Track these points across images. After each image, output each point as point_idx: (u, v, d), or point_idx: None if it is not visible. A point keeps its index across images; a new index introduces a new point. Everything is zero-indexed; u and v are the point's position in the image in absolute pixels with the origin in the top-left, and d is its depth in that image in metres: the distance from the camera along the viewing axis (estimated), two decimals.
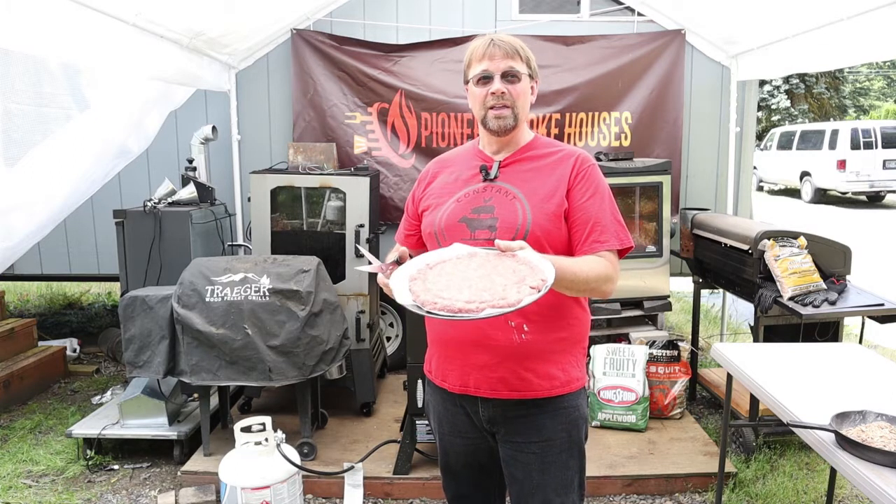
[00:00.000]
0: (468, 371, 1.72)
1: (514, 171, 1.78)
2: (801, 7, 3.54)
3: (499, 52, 1.71)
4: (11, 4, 2.24)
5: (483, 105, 1.73)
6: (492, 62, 1.70)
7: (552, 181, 1.74)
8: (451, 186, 1.81)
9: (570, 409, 1.74)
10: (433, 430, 1.94)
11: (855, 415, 1.89)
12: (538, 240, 1.66)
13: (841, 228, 11.04)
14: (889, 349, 5.27)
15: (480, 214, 1.73)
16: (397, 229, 2.00)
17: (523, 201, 1.72)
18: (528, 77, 1.78)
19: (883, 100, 25.65)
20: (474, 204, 1.75)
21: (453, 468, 1.90)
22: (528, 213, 1.70)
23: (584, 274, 1.59)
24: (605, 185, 1.77)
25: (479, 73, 1.72)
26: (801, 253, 3.39)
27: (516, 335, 1.66)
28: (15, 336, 4.64)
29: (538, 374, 1.69)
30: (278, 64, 4.65)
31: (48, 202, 3.13)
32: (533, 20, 4.64)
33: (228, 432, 3.32)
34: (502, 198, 1.74)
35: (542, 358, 1.70)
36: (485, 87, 1.72)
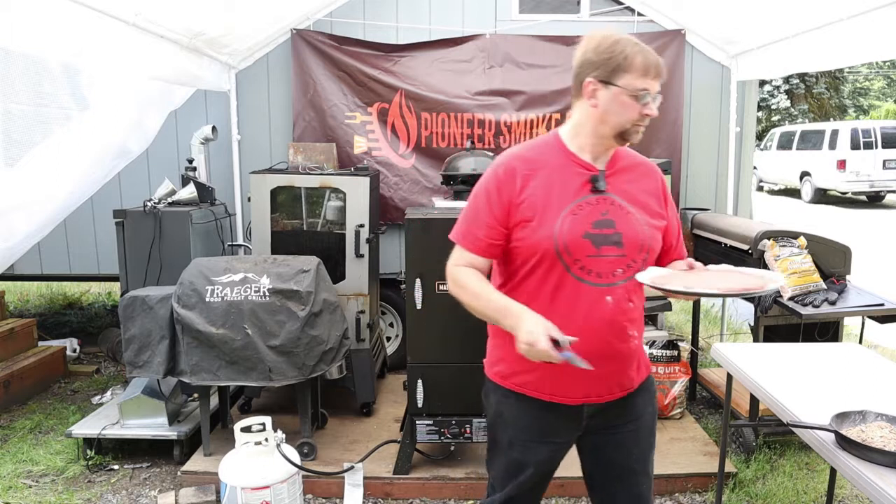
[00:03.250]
0: (593, 383, 1.76)
1: (618, 182, 1.78)
2: (800, 7, 3.54)
3: (659, 74, 1.72)
4: (11, 4, 2.24)
5: (631, 119, 1.69)
6: (654, 82, 1.70)
7: (651, 196, 1.82)
8: (557, 197, 1.72)
9: (650, 387, 1.93)
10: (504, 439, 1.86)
11: (855, 415, 1.89)
12: (653, 254, 1.79)
13: (841, 228, 11.04)
14: (889, 349, 5.27)
15: (603, 229, 1.71)
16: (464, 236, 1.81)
17: (637, 215, 1.76)
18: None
19: (883, 100, 25.65)
20: (592, 218, 1.71)
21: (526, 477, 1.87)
22: (644, 227, 1.76)
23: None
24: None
25: (639, 88, 1.67)
26: (801, 253, 3.39)
27: (633, 342, 1.80)
28: (15, 336, 4.64)
29: (637, 370, 1.86)
30: (278, 64, 4.65)
31: (48, 202, 3.13)
32: (533, 20, 4.64)
33: (228, 432, 3.33)
34: (617, 211, 1.74)
35: (639, 356, 1.87)
36: (638, 103, 1.68)
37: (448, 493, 3.20)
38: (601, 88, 1.69)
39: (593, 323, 1.70)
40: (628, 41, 1.70)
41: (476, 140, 4.57)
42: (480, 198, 1.78)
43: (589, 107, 1.72)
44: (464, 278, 1.80)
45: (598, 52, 1.69)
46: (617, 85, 1.68)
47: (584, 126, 1.75)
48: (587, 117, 1.74)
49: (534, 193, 1.72)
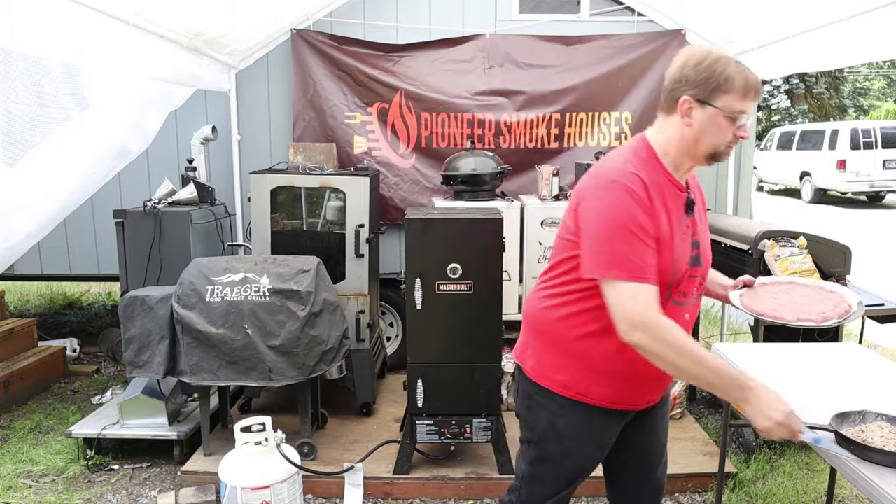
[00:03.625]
0: (655, 390, 1.88)
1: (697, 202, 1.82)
2: (800, 7, 3.54)
3: (758, 95, 1.67)
4: (11, 4, 2.24)
5: (725, 140, 1.66)
6: (752, 104, 1.67)
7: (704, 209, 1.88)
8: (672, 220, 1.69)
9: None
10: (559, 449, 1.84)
11: (855, 415, 1.88)
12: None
13: (841, 228, 11.04)
14: (889, 349, 5.27)
15: (695, 251, 1.76)
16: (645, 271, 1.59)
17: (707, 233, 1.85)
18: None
19: (883, 100, 25.65)
20: (690, 240, 1.75)
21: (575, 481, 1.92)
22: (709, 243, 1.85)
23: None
24: None
25: (737, 111, 1.63)
26: (801, 253, 3.39)
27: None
28: (15, 336, 4.64)
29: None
30: (278, 64, 4.65)
31: (48, 202, 3.13)
32: (533, 20, 4.64)
33: (228, 432, 3.33)
34: (700, 233, 1.80)
35: None
36: (733, 125, 1.64)
37: (448, 493, 3.20)
38: (697, 108, 1.65)
39: None
40: (730, 60, 1.64)
41: (476, 140, 4.57)
42: (633, 224, 1.60)
43: (682, 125, 1.68)
44: (675, 335, 1.59)
45: (697, 69, 1.64)
46: (715, 106, 1.63)
47: (676, 144, 1.71)
48: (679, 135, 1.69)
49: (660, 217, 1.66)
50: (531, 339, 1.90)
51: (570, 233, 1.74)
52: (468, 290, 3.13)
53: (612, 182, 1.63)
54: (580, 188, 1.74)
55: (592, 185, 1.69)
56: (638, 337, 1.59)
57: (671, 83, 1.70)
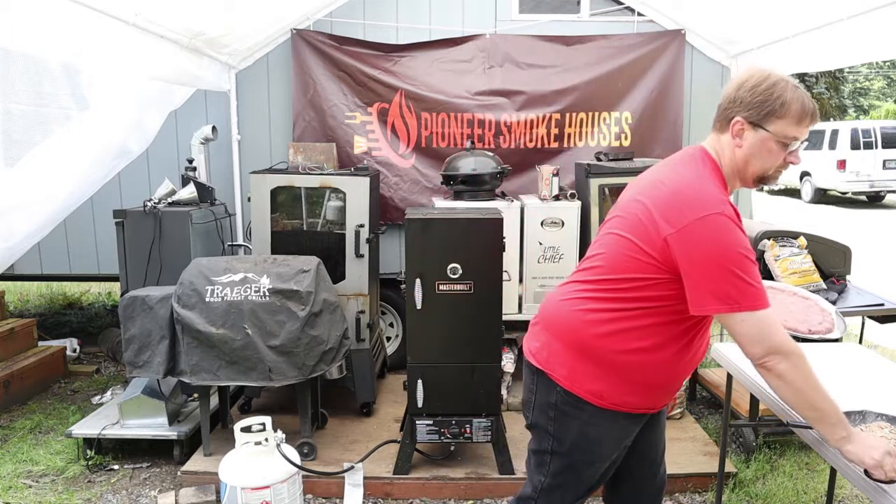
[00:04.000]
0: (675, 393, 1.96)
1: None
2: (800, 7, 3.54)
3: (814, 120, 1.64)
4: (11, 4, 2.24)
5: (774, 165, 1.67)
6: (806, 130, 1.63)
7: None
8: None
9: None
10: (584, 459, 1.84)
11: (855, 415, 1.88)
12: None
13: (841, 228, 11.04)
14: (889, 349, 5.27)
15: None
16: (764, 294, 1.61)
17: None
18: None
19: (883, 100, 25.65)
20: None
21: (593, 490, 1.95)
22: None
23: None
24: None
25: (791, 137, 1.63)
26: (801, 253, 3.39)
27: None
28: (15, 336, 4.63)
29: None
30: (278, 64, 4.65)
31: (48, 202, 3.13)
32: (533, 20, 4.64)
33: (228, 432, 3.33)
34: None
35: None
36: (784, 150, 1.64)
37: (448, 493, 3.20)
38: (749, 130, 1.65)
39: (703, 352, 1.86)
40: (787, 85, 1.62)
41: (476, 140, 4.57)
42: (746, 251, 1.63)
43: (733, 146, 1.69)
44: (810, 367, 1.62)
45: (754, 92, 1.63)
46: (767, 130, 1.62)
47: (727, 163, 1.72)
48: (731, 155, 1.70)
49: None
50: (561, 347, 1.82)
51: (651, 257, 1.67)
52: (468, 290, 3.13)
53: (716, 215, 1.60)
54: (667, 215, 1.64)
55: (690, 217, 1.60)
56: (784, 367, 1.59)
57: (726, 102, 1.70)
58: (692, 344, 1.78)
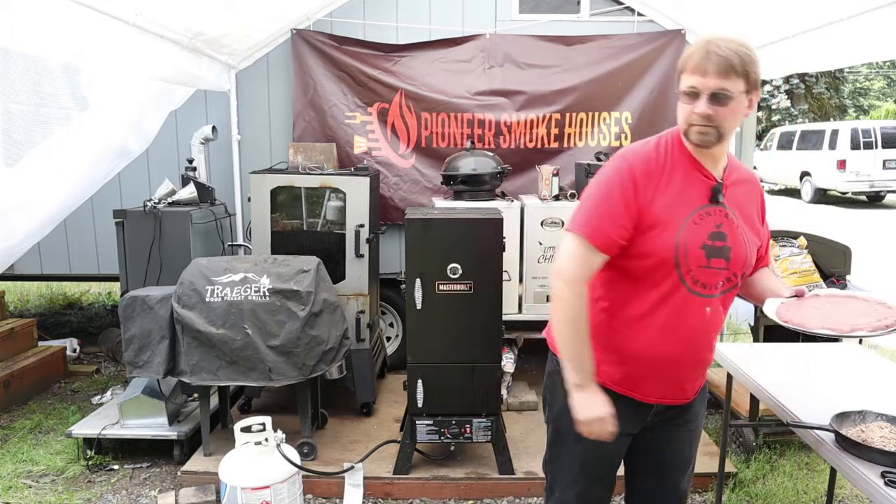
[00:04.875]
0: (671, 385, 1.82)
1: (731, 194, 1.75)
2: (800, 7, 3.54)
3: (712, 67, 1.58)
4: (11, 4, 2.24)
5: (685, 119, 1.66)
6: (703, 79, 1.59)
7: (755, 212, 1.82)
8: (681, 202, 1.69)
9: (706, 391, 1.97)
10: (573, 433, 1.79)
11: (855, 415, 1.89)
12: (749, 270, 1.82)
13: (841, 228, 11.03)
14: (889, 349, 5.27)
15: (716, 241, 1.70)
16: (596, 232, 1.68)
17: (744, 231, 1.75)
18: (745, 94, 1.63)
19: (883, 100, 25.64)
20: (709, 229, 1.70)
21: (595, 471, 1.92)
22: (749, 244, 1.75)
23: None
24: None
25: (688, 86, 1.62)
26: (801, 253, 3.39)
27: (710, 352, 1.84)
28: (15, 336, 4.63)
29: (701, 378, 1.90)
30: (278, 64, 4.64)
31: (48, 202, 3.13)
32: (533, 20, 4.64)
33: (228, 432, 3.32)
34: (730, 225, 1.73)
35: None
36: (690, 104, 1.63)
37: (448, 493, 3.20)
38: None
39: (690, 332, 1.74)
40: (704, 40, 1.63)
41: (476, 140, 4.57)
42: (615, 194, 1.67)
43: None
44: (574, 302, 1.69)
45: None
46: (679, 86, 1.67)
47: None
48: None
49: (665, 198, 1.68)
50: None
51: None
52: (468, 290, 3.13)
53: (615, 157, 1.73)
54: None
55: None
56: (555, 292, 1.72)
57: None
58: (659, 313, 1.71)
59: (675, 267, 1.67)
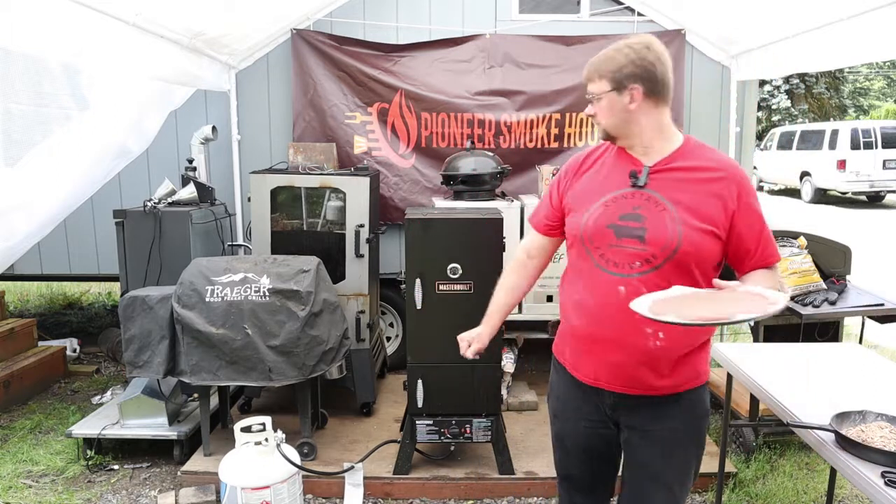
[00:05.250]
0: (601, 367, 1.83)
1: (665, 179, 1.78)
2: (800, 7, 3.54)
3: (584, 75, 1.83)
4: (11, 4, 2.24)
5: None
6: (588, 84, 1.84)
7: (710, 199, 1.74)
8: (598, 188, 1.84)
9: (694, 401, 1.85)
10: (551, 410, 2.04)
11: (855, 415, 1.89)
12: (687, 256, 1.73)
13: (841, 228, 11.03)
14: (889, 349, 5.27)
15: (629, 222, 1.76)
16: (535, 214, 2.05)
17: (674, 214, 1.75)
18: (613, 91, 1.77)
19: (883, 100, 25.64)
20: (622, 210, 1.78)
21: (569, 449, 2.01)
22: (678, 227, 1.73)
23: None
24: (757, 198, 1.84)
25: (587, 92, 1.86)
26: (801, 253, 3.39)
27: (651, 341, 1.74)
28: (15, 336, 4.64)
29: (663, 376, 1.79)
30: (278, 64, 4.64)
31: (48, 202, 3.13)
32: (533, 20, 4.64)
33: (228, 432, 3.32)
34: (652, 207, 1.76)
35: (670, 363, 1.79)
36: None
37: (448, 493, 3.20)
38: None
39: (606, 309, 1.77)
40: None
41: (476, 140, 4.57)
42: (551, 186, 2.00)
43: None
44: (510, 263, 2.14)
45: None
46: None
47: None
48: None
49: (581, 185, 1.89)
50: None
51: None
52: (468, 290, 3.13)
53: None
54: None
55: None
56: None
57: None
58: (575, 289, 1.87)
59: (583, 244, 1.82)
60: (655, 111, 1.79)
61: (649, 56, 1.75)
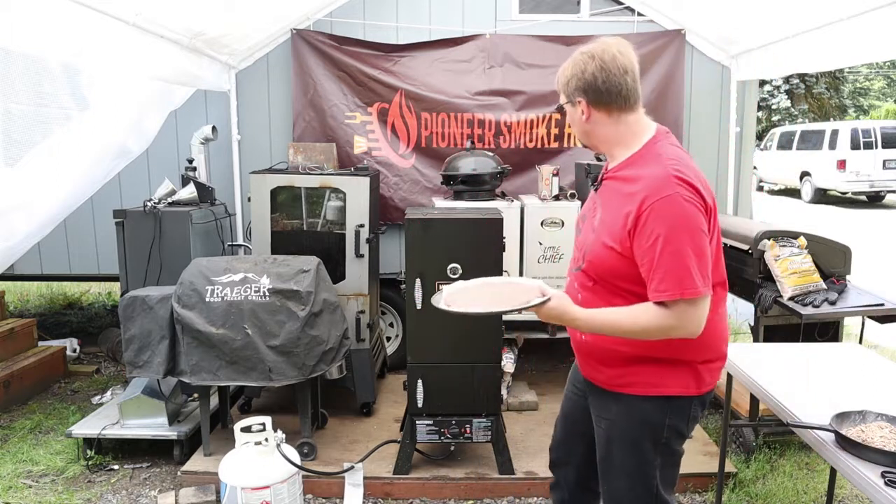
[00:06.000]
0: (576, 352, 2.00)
1: (608, 187, 1.82)
2: (800, 7, 3.54)
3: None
4: (11, 4, 2.24)
5: None
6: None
7: (620, 214, 1.69)
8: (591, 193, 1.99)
9: (636, 408, 1.79)
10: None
11: (855, 415, 1.89)
12: (591, 265, 1.78)
13: (841, 228, 11.03)
14: (889, 349, 5.27)
15: (580, 222, 1.94)
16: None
17: (596, 223, 1.80)
18: (568, 104, 1.81)
19: (883, 100, 25.64)
20: (584, 211, 1.94)
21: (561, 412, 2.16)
22: (592, 236, 1.80)
23: (618, 324, 1.68)
24: (678, 221, 1.59)
25: None
26: (801, 253, 3.39)
27: (579, 334, 1.88)
28: (15, 336, 4.63)
29: (599, 370, 1.87)
30: (278, 64, 4.64)
31: (48, 202, 3.13)
32: (533, 20, 4.64)
33: (228, 432, 3.32)
34: (593, 212, 1.84)
35: (604, 358, 1.83)
36: None
37: (448, 493, 3.20)
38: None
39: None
40: None
41: (476, 140, 4.57)
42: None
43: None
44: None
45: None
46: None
47: None
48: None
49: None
50: None
51: None
52: None
53: None
54: None
55: None
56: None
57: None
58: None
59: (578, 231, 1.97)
60: (610, 120, 1.76)
61: (590, 66, 1.71)
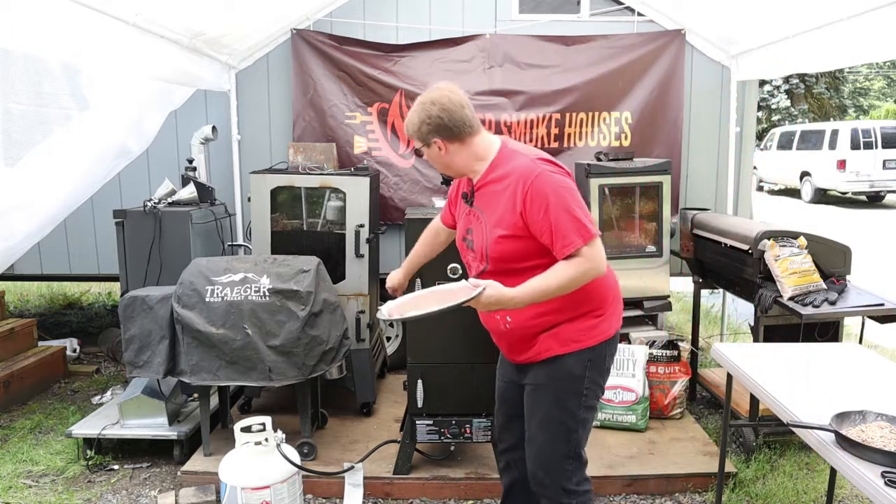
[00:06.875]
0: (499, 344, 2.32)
1: (482, 194, 2.12)
2: (800, 7, 3.54)
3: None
4: (11, 4, 2.24)
5: None
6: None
7: (504, 204, 2.02)
8: (458, 209, 2.29)
9: (561, 365, 2.12)
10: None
11: (855, 415, 1.89)
12: (495, 259, 2.06)
13: (841, 228, 11.04)
14: (889, 349, 5.27)
15: (469, 236, 2.18)
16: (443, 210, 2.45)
17: (487, 225, 2.08)
18: (424, 147, 2.10)
19: (883, 100, 25.64)
20: (466, 226, 2.20)
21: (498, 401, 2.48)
22: (487, 235, 2.07)
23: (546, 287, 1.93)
24: (557, 188, 1.96)
25: None
26: (801, 253, 3.38)
27: (502, 325, 2.17)
28: (15, 336, 4.63)
29: (522, 352, 2.19)
30: (278, 64, 4.65)
31: (48, 202, 3.13)
32: (533, 20, 4.64)
33: (228, 432, 3.33)
34: (476, 221, 2.13)
35: (526, 338, 2.15)
36: None
37: (448, 493, 3.20)
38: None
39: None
40: None
41: None
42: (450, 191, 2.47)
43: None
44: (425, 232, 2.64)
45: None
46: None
47: None
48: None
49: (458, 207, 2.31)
50: None
51: None
52: None
53: None
54: None
55: None
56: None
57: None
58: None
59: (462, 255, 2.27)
60: (464, 147, 2.07)
61: (433, 111, 2.00)
